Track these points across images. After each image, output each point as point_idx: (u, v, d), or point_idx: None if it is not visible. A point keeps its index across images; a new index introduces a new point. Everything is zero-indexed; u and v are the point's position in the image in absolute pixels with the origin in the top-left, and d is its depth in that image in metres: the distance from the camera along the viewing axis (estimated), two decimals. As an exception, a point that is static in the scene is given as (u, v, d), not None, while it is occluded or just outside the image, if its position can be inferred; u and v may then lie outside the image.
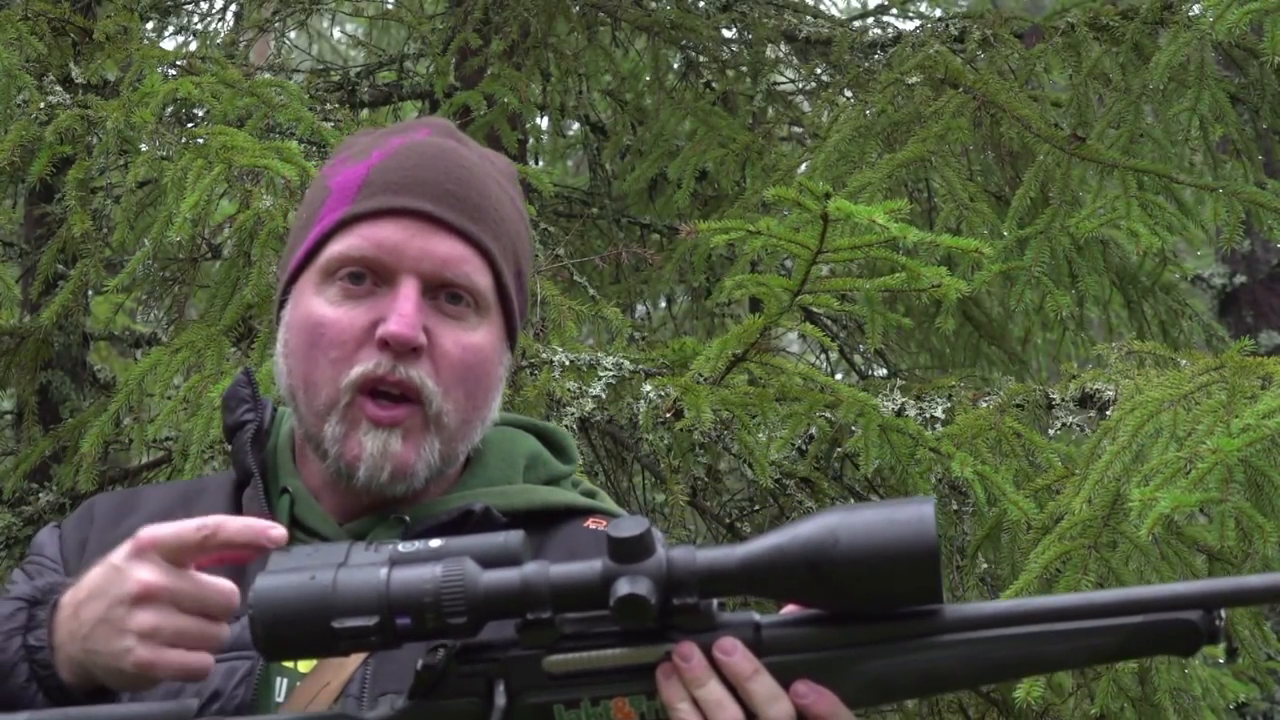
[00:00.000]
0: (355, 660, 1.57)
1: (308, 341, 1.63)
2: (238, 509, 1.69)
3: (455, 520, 1.63)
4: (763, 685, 1.33)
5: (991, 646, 1.33)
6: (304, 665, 1.60)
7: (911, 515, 1.30)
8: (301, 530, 1.67)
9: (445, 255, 1.62)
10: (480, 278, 1.64)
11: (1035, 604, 1.33)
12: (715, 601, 1.35)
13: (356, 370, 1.60)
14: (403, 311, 1.59)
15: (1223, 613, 1.31)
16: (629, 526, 1.32)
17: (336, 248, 1.63)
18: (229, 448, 1.73)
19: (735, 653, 1.33)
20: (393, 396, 1.61)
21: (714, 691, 1.33)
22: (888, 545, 1.29)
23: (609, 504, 1.76)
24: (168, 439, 3.86)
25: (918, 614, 1.33)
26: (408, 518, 1.65)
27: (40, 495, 4.03)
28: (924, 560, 1.29)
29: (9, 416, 4.79)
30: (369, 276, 1.62)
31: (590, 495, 1.76)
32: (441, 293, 1.63)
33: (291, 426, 1.73)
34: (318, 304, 1.63)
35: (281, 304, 1.70)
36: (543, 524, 1.68)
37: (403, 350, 1.60)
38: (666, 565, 1.32)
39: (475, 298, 1.64)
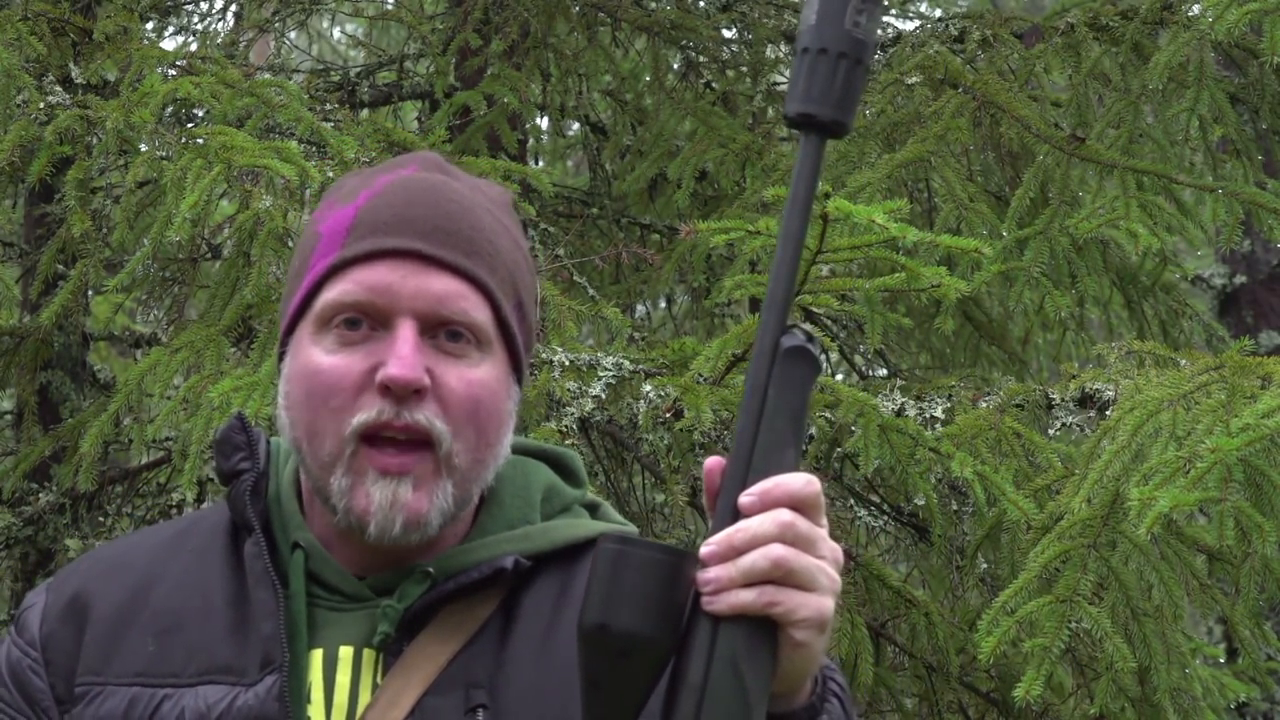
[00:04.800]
0: None
1: (306, 391, 1.59)
2: (237, 559, 1.65)
3: (488, 578, 1.60)
4: (742, 536, 1.37)
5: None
6: None
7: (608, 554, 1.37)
8: (320, 586, 1.62)
9: (441, 293, 1.58)
10: (478, 313, 1.60)
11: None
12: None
13: (358, 419, 1.56)
14: (401, 354, 1.55)
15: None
16: None
17: (329, 295, 1.59)
18: (225, 492, 1.68)
19: (710, 555, 1.36)
20: (399, 443, 1.56)
21: (743, 566, 1.36)
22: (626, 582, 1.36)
23: (615, 516, 1.74)
24: (167, 439, 3.86)
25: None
26: (431, 569, 1.60)
27: (40, 495, 4.03)
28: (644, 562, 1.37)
29: (9, 416, 4.79)
30: (365, 322, 1.58)
31: (594, 508, 1.74)
32: (440, 331, 1.59)
33: (293, 473, 1.68)
34: (315, 354, 1.59)
35: (281, 355, 1.66)
36: (564, 558, 1.65)
37: (405, 394, 1.55)
38: None
39: (475, 333, 1.60)
